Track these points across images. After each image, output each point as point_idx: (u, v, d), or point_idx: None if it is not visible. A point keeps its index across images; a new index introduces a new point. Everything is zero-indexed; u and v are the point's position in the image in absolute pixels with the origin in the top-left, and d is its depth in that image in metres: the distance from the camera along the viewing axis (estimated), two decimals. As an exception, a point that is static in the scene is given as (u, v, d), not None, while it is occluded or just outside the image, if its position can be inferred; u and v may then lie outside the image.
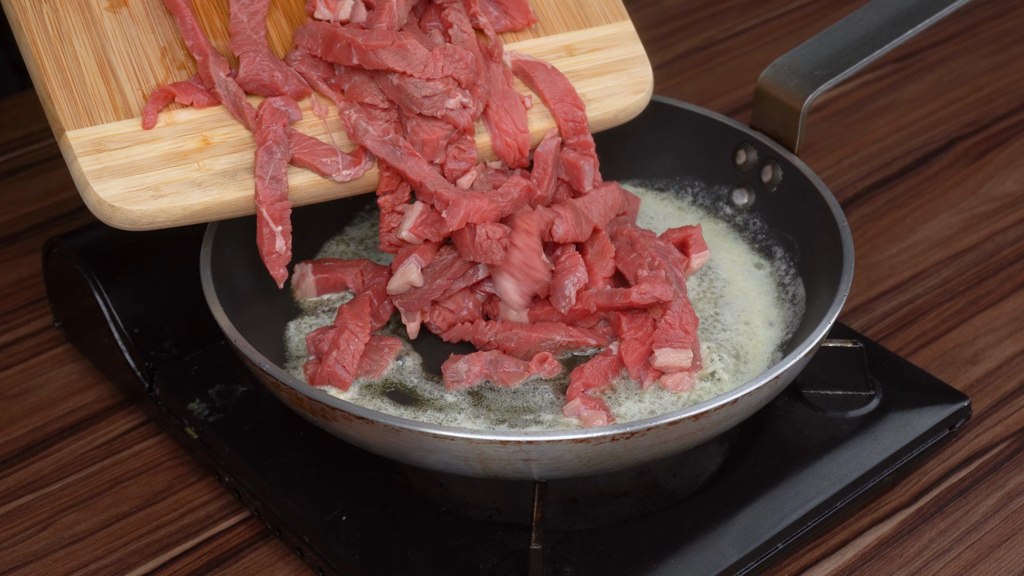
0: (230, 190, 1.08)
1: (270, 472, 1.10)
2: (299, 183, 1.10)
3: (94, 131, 1.08)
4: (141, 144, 1.08)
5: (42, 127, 1.60)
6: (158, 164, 1.08)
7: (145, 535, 1.12)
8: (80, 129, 1.08)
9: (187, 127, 1.10)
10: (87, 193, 1.06)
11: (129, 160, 1.07)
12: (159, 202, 1.06)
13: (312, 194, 1.12)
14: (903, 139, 1.57)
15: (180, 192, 1.07)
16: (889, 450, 1.11)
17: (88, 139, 1.07)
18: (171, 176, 1.07)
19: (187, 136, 1.09)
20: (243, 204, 1.09)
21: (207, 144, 1.09)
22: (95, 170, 1.06)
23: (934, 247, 1.41)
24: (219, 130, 1.10)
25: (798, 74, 1.21)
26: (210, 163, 1.09)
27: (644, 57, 1.23)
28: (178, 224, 1.08)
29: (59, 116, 1.08)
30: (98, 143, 1.07)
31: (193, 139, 1.09)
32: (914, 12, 1.24)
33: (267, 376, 1.03)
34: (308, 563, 1.07)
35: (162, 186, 1.07)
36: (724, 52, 1.74)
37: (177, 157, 1.08)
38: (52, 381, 1.27)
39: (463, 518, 1.06)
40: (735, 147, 1.26)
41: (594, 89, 1.20)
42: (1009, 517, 1.12)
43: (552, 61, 1.20)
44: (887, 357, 1.20)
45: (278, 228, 1.09)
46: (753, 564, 1.04)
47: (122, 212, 1.06)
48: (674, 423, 0.97)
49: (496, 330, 1.12)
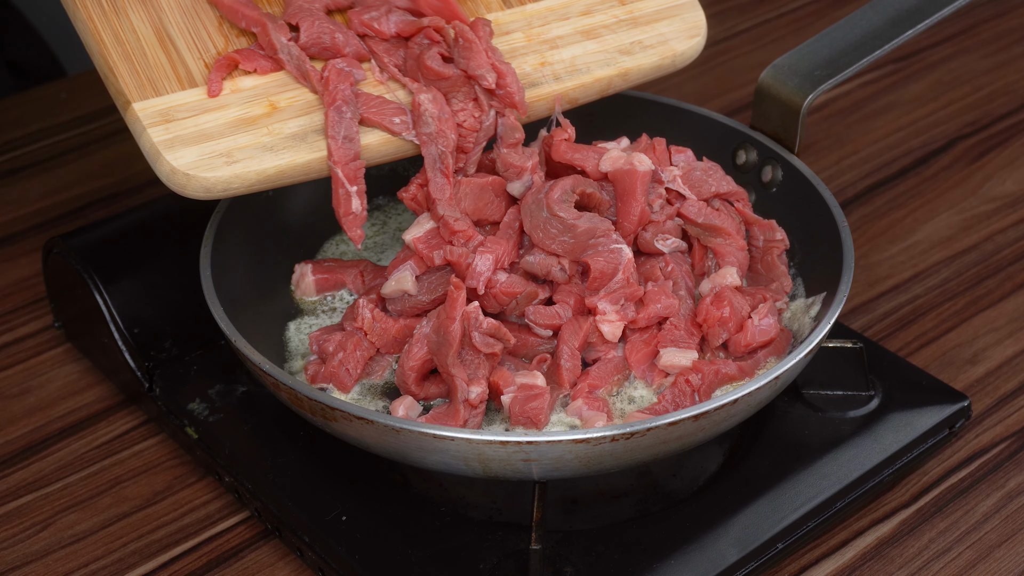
0: (302, 152, 1.09)
1: (270, 472, 1.10)
2: (369, 142, 1.11)
3: (160, 101, 1.08)
4: (208, 112, 1.09)
5: (42, 127, 1.60)
6: (228, 131, 1.08)
7: (145, 535, 1.12)
8: (146, 100, 1.08)
9: (252, 93, 1.11)
10: (159, 163, 1.06)
11: (198, 128, 1.08)
12: (233, 168, 1.06)
13: (383, 152, 1.12)
14: (903, 139, 1.57)
15: (253, 157, 1.07)
16: (889, 450, 1.11)
17: (155, 110, 1.08)
18: (242, 142, 1.08)
19: (253, 102, 1.10)
20: (316, 166, 1.09)
21: (274, 109, 1.10)
22: (165, 140, 1.06)
23: (934, 247, 1.41)
24: (284, 94, 1.11)
25: (798, 74, 1.21)
26: (279, 127, 1.09)
27: (695, 2, 1.24)
28: (252, 190, 1.08)
29: (123, 89, 1.08)
30: (165, 113, 1.08)
31: (260, 104, 1.10)
32: (914, 12, 1.24)
33: (267, 376, 1.03)
34: (308, 563, 1.07)
35: (234, 152, 1.07)
36: (724, 52, 1.74)
37: (246, 123, 1.09)
38: (52, 381, 1.27)
39: (463, 518, 1.06)
40: (735, 147, 1.26)
41: (649, 36, 1.21)
42: (1009, 517, 1.12)
43: (605, 11, 1.21)
44: (887, 357, 1.20)
45: (353, 188, 1.09)
46: (753, 564, 1.04)
47: (196, 180, 1.05)
48: (674, 423, 0.97)
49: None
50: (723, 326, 1.09)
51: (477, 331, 1.04)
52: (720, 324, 1.09)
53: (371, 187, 1.31)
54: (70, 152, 1.57)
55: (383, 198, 1.32)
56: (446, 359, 1.04)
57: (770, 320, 1.10)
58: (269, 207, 1.23)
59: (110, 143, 1.58)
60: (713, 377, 1.07)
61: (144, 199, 1.47)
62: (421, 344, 1.07)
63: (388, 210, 1.31)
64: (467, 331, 1.04)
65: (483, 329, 1.04)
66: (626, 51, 1.20)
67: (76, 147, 1.57)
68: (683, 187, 1.14)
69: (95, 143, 1.58)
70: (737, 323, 1.10)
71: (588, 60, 1.19)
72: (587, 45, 1.20)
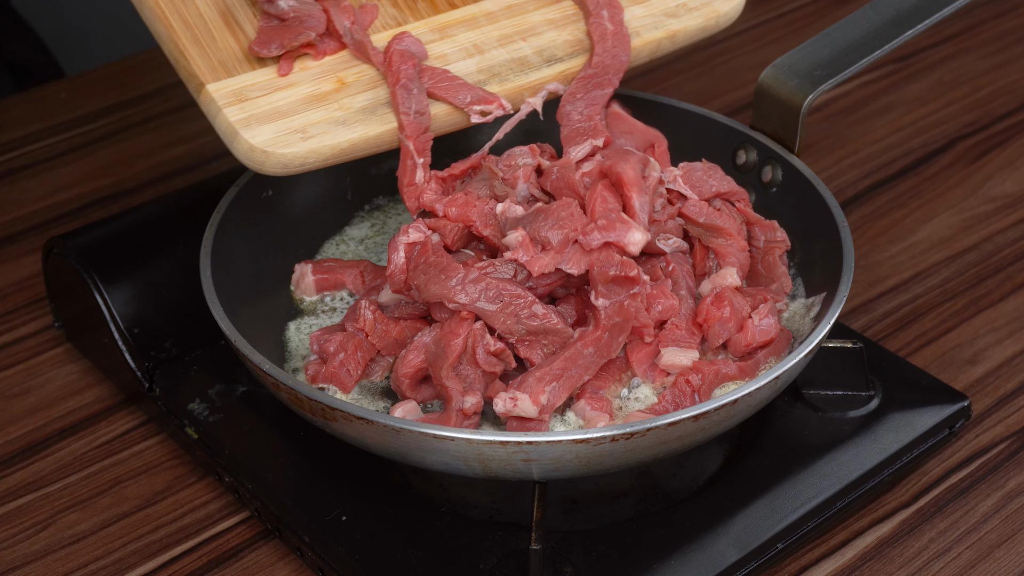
0: (374, 125, 1.12)
1: (270, 472, 1.10)
2: (436, 113, 1.13)
3: (232, 82, 1.11)
4: (280, 90, 1.12)
5: (42, 127, 1.60)
6: (300, 107, 1.11)
7: (145, 535, 1.12)
8: (219, 82, 1.11)
9: (320, 70, 1.14)
10: (237, 142, 1.08)
11: (272, 106, 1.11)
12: (308, 143, 1.09)
13: (450, 122, 1.15)
14: (903, 139, 1.57)
15: (327, 132, 1.10)
16: (889, 450, 1.11)
17: (228, 91, 1.11)
18: (315, 117, 1.11)
19: (322, 79, 1.13)
20: (387, 138, 1.12)
21: (343, 84, 1.13)
22: (242, 119, 1.09)
23: (934, 247, 1.41)
24: (350, 70, 1.14)
25: (798, 74, 1.21)
26: (349, 102, 1.12)
27: None
28: (326, 164, 1.11)
29: (196, 72, 1.11)
30: (239, 93, 1.11)
31: (329, 81, 1.13)
32: (914, 12, 1.24)
33: (267, 376, 1.03)
34: (308, 563, 1.07)
35: (308, 128, 1.10)
36: (724, 52, 1.74)
37: (317, 99, 1.12)
38: (52, 381, 1.27)
39: (463, 518, 1.06)
40: (735, 147, 1.26)
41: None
42: (1009, 517, 1.12)
43: None
44: (887, 357, 1.20)
45: (420, 160, 1.12)
46: (753, 564, 1.04)
47: (274, 156, 1.08)
48: (674, 423, 0.97)
49: None
50: (723, 326, 1.09)
51: (483, 349, 1.04)
52: (721, 324, 1.09)
53: (371, 187, 1.31)
54: (70, 152, 1.57)
55: (383, 198, 1.32)
56: (440, 371, 1.04)
57: (770, 320, 1.10)
58: (269, 207, 1.23)
59: (110, 143, 1.58)
60: (713, 377, 1.07)
61: (144, 199, 1.48)
62: (418, 352, 1.07)
63: (388, 210, 1.31)
64: (469, 348, 1.04)
65: (489, 349, 1.04)
66: (672, 14, 1.23)
67: (76, 147, 1.57)
68: (684, 187, 1.14)
69: (95, 143, 1.58)
70: (737, 323, 1.10)
71: (636, 25, 1.22)
72: (634, 10, 1.22)
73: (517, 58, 1.19)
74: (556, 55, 1.20)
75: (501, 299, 1.05)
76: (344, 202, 1.30)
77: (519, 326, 1.05)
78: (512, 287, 1.05)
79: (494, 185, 1.13)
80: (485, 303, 1.05)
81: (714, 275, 1.13)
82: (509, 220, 1.08)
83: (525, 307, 1.05)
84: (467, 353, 1.04)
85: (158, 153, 1.55)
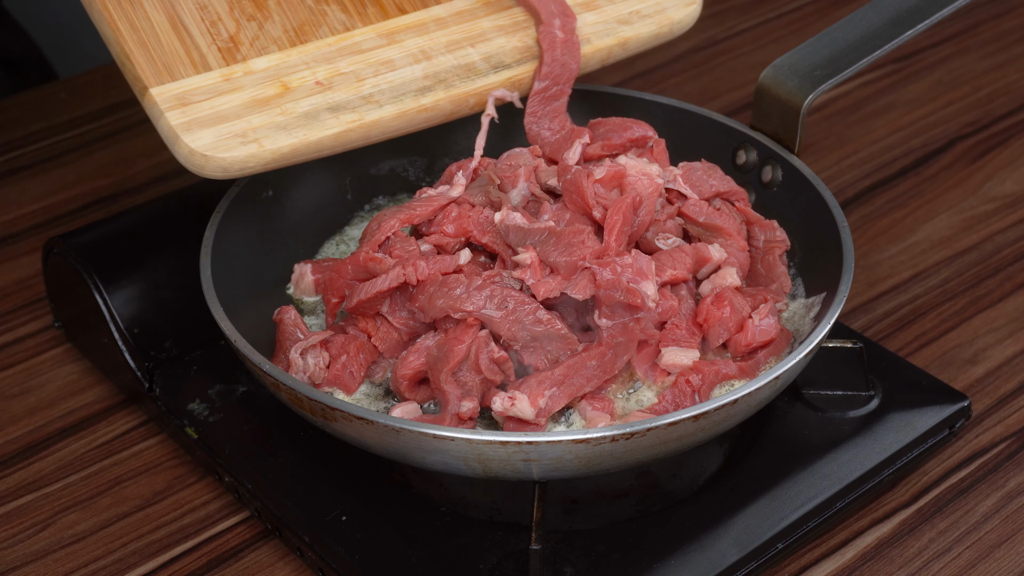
0: (314, 130, 1.12)
1: (270, 472, 1.10)
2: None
3: (176, 86, 1.11)
4: (223, 95, 1.12)
5: (42, 127, 1.60)
6: (243, 112, 1.11)
7: (145, 535, 1.12)
8: (163, 85, 1.11)
9: (264, 75, 1.14)
10: (178, 146, 1.09)
11: (214, 110, 1.11)
12: (249, 147, 1.10)
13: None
14: (903, 139, 1.57)
15: (268, 136, 1.10)
16: (889, 450, 1.11)
17: (171, 94, 1.11)
18: (256, 122, 1.11)
19: (266, 83, 1.14)
20: (328, 143, 1.13)
21: (286, 89, 1.13)
22: (183, 123, 1.09)
23: (934, 247, 1.41)
24: (295, 75, 1.14)
25: (798, 74, 1.21)
26: (292, 107, 1.13)
27: None
28: (267, 168, 1.11)
29: (140, 75, 1.11)
30: (182, 97, 1.11)
31: (272, 86, 1.13)
32: (914, 12, 1.24)
33: (267, 376, 1.03)
34: (308, 563, 1.07)
35: (249, 132, 1.10)
36: (724, 52, 1.74)
37: (260, 104, 1.12)
38: (52, 381, 1.27)
39: (463, 518, 1.06)
40: (735, 147, 1.26)
41: (647, 5, 1.25)
42: (1009, 517, 1.12)
43: None
44: (887, 357, 1.20)
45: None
46: (753, 564, 1.04)
47: (214, 160, 1.09)
48: (674, 424, 0.97)
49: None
50: (724, 326, 1.09)
51: (486, 356, 1.04)
52: (721, 324, 1.09)
53: (371, 187, 1.31)
54: (70, 152, 1.57)
55: (383, 198, 1.32)
56: (440, 374, 1.04)
57: (770, 320, 1.10)
58: (269, 207, 1.23)
59: (110, 143, 1.58)
60: (713, 377, 1.07)
61: (144, 199, 1.48)
62: (419, 355, 1.07)
63: (388, 210, 1.31)
64: (472, 354, 1.04)
65: (492, 356, 1.05)
66: (624, 20, 1.23)
67: (76, 147, 1.57)
68: (684, 187, 1.14)
69: (95, 143, 1.58)
70: (737, 323, 1.10)
71: (588, 31, 1.22)
72: (587, 17, 1.23)
73: (464, 64, 1.19)
74: (504, 61, 1.20)
75: (506, 305, 1.05)
76: (344, 202, 1.30)
77: (524, 332, 1.05)
78: (517, 293, 1.05)
79: (489, 191, 1.13)
80: (490, 310, 1.05)
81: (714, 275, 1.13)
82: (511, 228, 1.08)
83: (530, 313, 1.05)
84: (469, 359, 1.04)
85: (158, 153, 1.55)
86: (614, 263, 1.05)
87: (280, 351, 1.11)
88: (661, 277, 1.08)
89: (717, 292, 1.10)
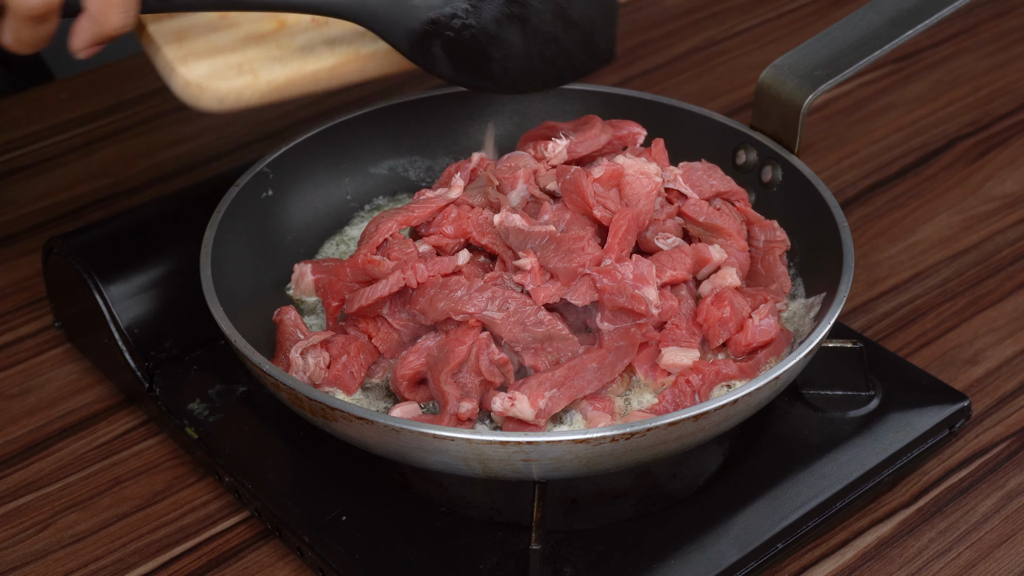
0: (310, 62, 1.14)
1: (270, 472, 1.10)
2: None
3: (173, 23, 1.14)
4: (220, 31, 1.14)
5: (42, 127, 1.60)
6: (239, 46, 1.13)
7: (145, 535, 1.12)
8: (160, 23, 1.13)
9: (261, 12, 1.16)
10: (173, 77, 1.11)
11: (210, 45, 1.13)
12: (244, 78, 1.12)
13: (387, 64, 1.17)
14: (903, 139, 1.57)
15: (263, 68, 1.12)
16: (889, 450, 1.11)
17: (169, 30, 1.13)
18: (252, 55, 1.13)
19: (263, 19, 1.16)
20: (324, 76, 1.14)
21: (282, 25, 1.15)
22: (180, 56, 1.12)
23: (934, 247, 1.41)
24: None
25: (798, 74, 1.21)
26: (288, 41, 1.15)
27: None
28: (263, 100, 1.13)
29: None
30: (179, 32, 1.13)
31: (269, 22, 1.16)
32: (914, 12, 1.24)
33: (267, 376, 1.03)
34: (308, 563, 1.07)
35: (245, 64, 1.12)
36: (724, 52, 1.74)
37: (256, 39, 1.14)
38: (52, 381, 1.27)
39: (463, 518, 1.06)
40: (735, 147, 1.26)
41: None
42: (1009, 517, 1.12)
43: None
44: (887, 357, 1.20)
45: None
46: (753, 564, 1.04)
47: (209, 91, 1.10)
48: (674, 424, 0.97)
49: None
50: (723, 326, 1.09)
51: (487, 357, 1.04)
52: (721, 324, 1.09)
53: (371, 187, 1.31)
54: (70, 152, 1.57)
55: (383, 198, 1.32)
56: (439, 375, 1.04)
57: (770, 320, 1.10)
58: (269, 207, 1.23)
59: (110, 143, 1.58)
60: (713, 377, 1.07)
61: (144, 199, 1.47)
62: (419, 355, 1.07)
63: (388, 210, 1.31)
64: (472, 355, 1.04)
65: (493, 358, 1.05)
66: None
67: (76, 147, 1.57)
68: (684, 186, 1.14)
69: (95, 143, 1.58)
70: (737, 323, 1.10)
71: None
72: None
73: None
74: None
75: (507, 307, 1.05)
76: (344, 202, 1.30)
77: (525, 333, 1.05)
78: (518, 295, 1.05)
79: (488, 192, 1.13)
80: (492, 311, 1.05)
81: (714, 275, 1.13)
82: (510, 230, 1.08)
83: (531, 314, 1.05)
84: (469, 361, 1.04)
85: (158, 153, 1.55)
86: (614, 270, 1.05)
87: (280, 351, 1.11)
88: (661, 278, 1.08)
89: (717, 292, 1.10)
